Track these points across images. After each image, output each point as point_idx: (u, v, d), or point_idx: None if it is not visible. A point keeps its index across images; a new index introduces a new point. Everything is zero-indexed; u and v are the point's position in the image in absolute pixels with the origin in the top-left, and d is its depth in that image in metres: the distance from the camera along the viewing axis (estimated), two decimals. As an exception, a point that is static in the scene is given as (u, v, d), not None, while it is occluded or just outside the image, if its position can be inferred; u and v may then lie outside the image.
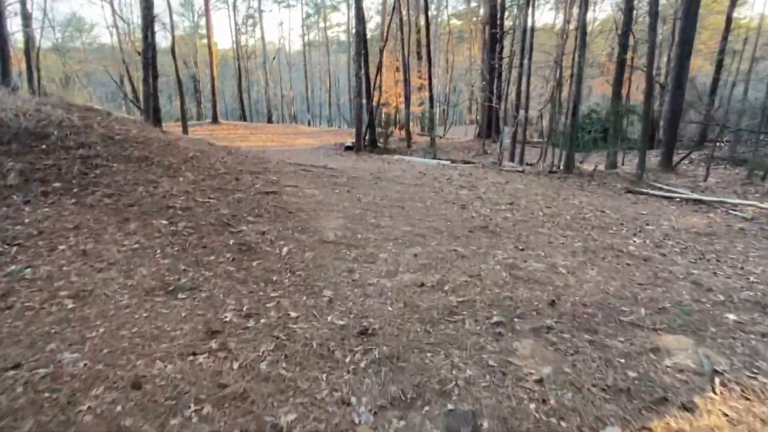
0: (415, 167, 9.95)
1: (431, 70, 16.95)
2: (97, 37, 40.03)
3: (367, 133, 16.51)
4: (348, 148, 16.11)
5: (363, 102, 14.44)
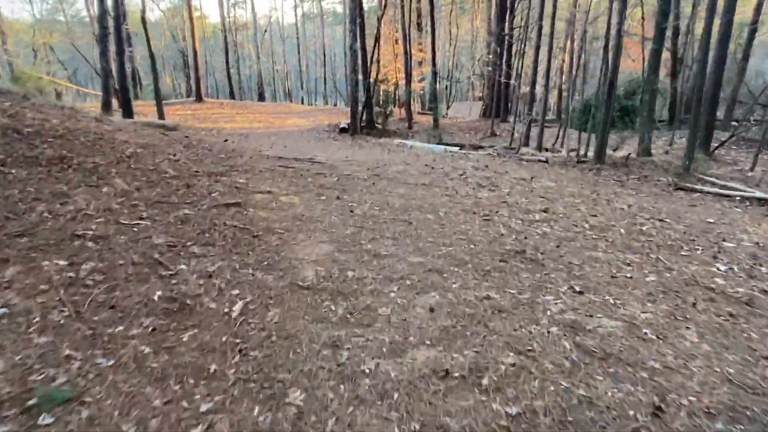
0: (419, 157, 8.56)
1: (435, 42, 15.32)
2: (80, 11, 37.82)
3: (364, 112, 15.00)
4: (343, 130, 14.63)
5: (359, 78, 12.89)
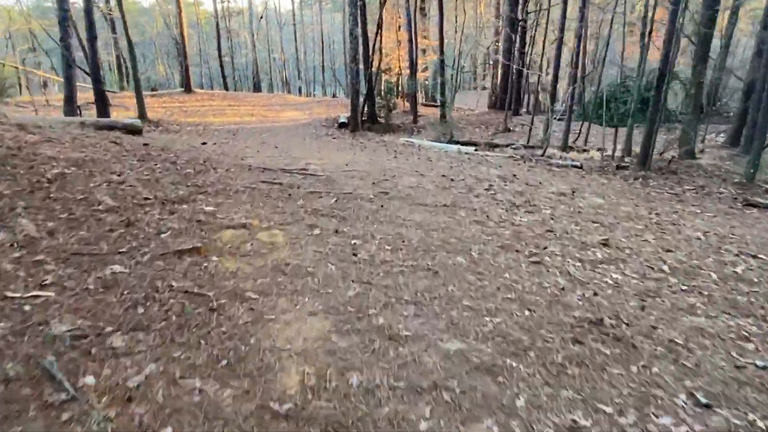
0: (432, 161, 7.33)
1: (443, 27, 13.95)
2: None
3: (365, 105, 13.73)
4: (342, 125, 13.36)
5: (360, 68, 11.60)
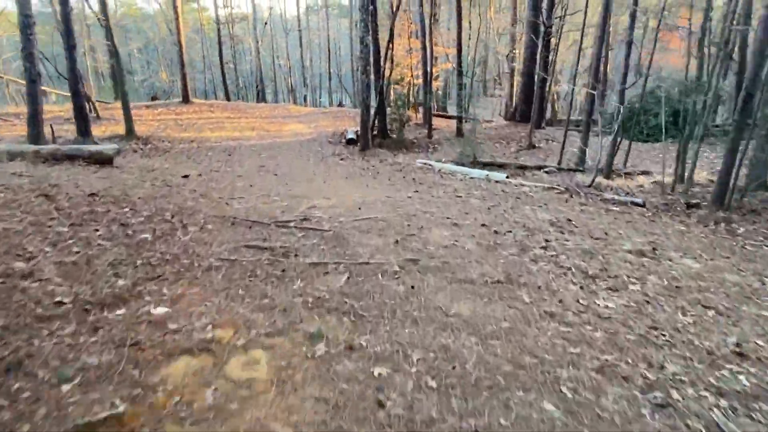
0: (463, 199, 6.01)
1: (461, 34, 12.70)
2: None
3: (376, 119, 12.55)
4: (350, 141, 12.15)
5: (371, 79, 10.41)
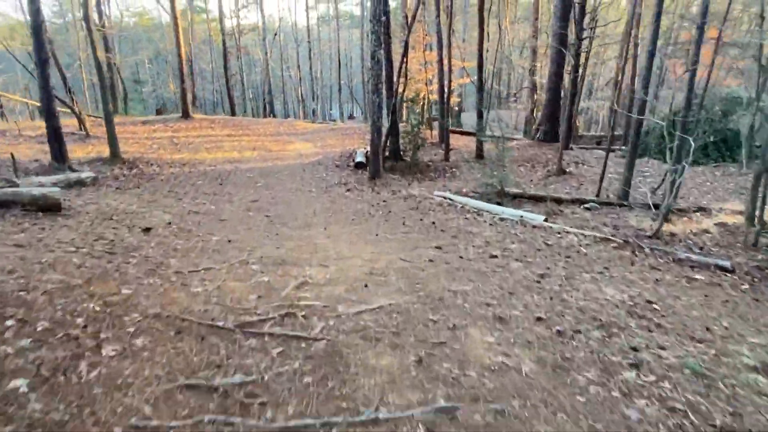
0: (499, 261, 4.69)
1: (483, 44, 11.45)
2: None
3: (387, 140, 11.33)
4: (359, 165, 10.91)
5: (382, 98, 9.20)
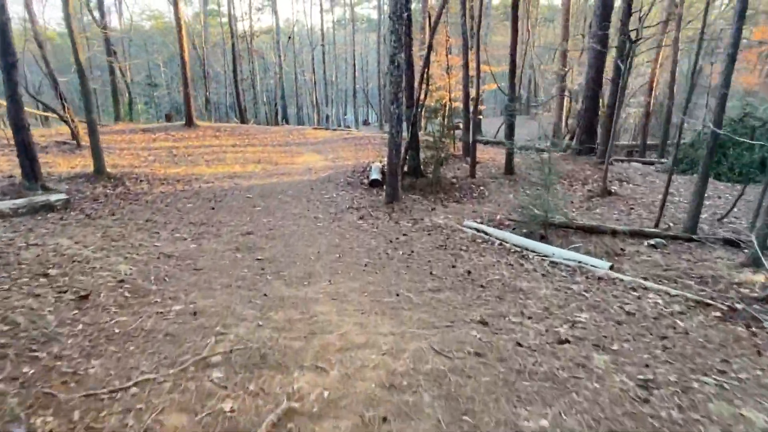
0: (572, 343, 3.38)
1: (516, 47, 10.05)
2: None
3: (407, 154, 10.08)
4: (374, 183, 9.68)
5: (402, 110, 7.95)
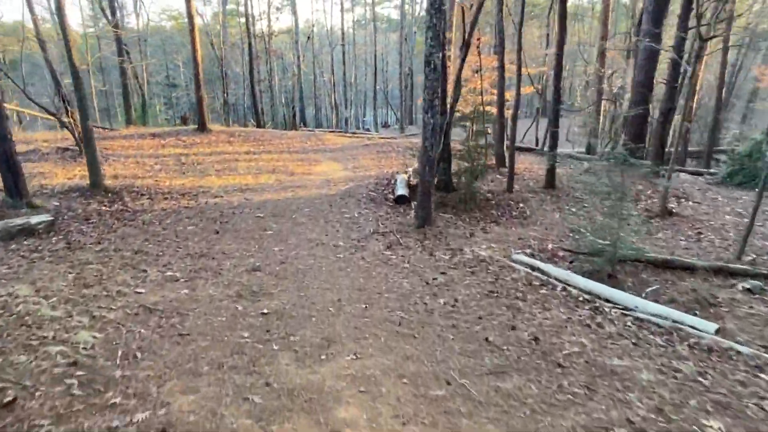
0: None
1: (563, 49, 8.96)
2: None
3: (438, 166, 9.11)
4: (400, 199, 8.72)
5: (436, 120, 6.96)
